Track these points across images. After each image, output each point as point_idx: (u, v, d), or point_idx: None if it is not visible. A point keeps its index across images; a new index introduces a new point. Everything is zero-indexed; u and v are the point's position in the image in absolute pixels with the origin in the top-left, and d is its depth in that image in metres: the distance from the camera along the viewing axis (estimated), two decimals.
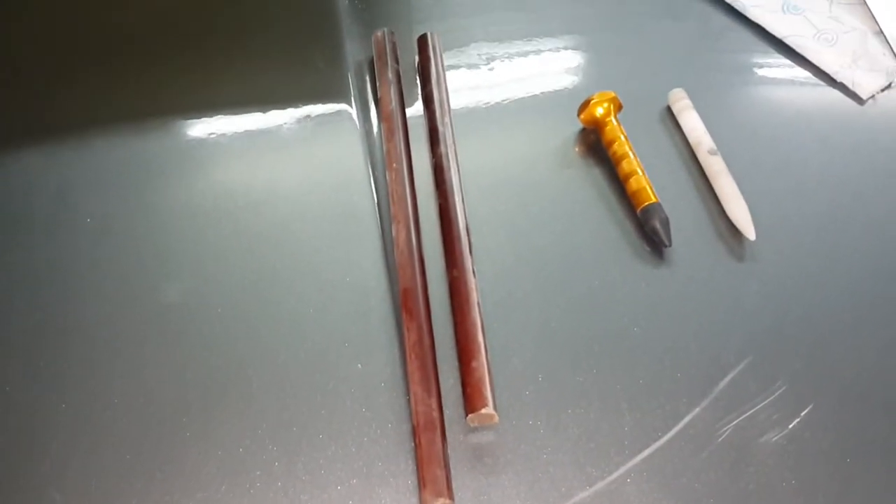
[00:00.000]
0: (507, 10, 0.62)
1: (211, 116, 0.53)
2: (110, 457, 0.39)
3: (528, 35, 0.60)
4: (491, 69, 0.58)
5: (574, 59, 0.59)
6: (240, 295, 0.45)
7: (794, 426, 0.40)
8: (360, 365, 0.42)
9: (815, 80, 0.58)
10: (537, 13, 0.62)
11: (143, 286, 0.45)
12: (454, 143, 0.51)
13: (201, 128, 0.53)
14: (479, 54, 0.59)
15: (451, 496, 0.36)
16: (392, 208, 0.47)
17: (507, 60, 0.58)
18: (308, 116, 0.53)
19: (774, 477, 0.39)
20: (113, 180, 0.49)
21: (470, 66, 0.58)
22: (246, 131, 0.53)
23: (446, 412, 0.40)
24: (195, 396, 0.41)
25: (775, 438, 0.40)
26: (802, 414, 0.41)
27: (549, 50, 0.59)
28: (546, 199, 0.50)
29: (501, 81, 0.57)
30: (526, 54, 0.59)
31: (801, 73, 0.58)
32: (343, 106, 0.54)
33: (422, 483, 0.36)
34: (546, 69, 0.58)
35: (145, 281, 0.45)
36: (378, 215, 0.48)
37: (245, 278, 0.45)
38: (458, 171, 0.49)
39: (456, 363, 0.42)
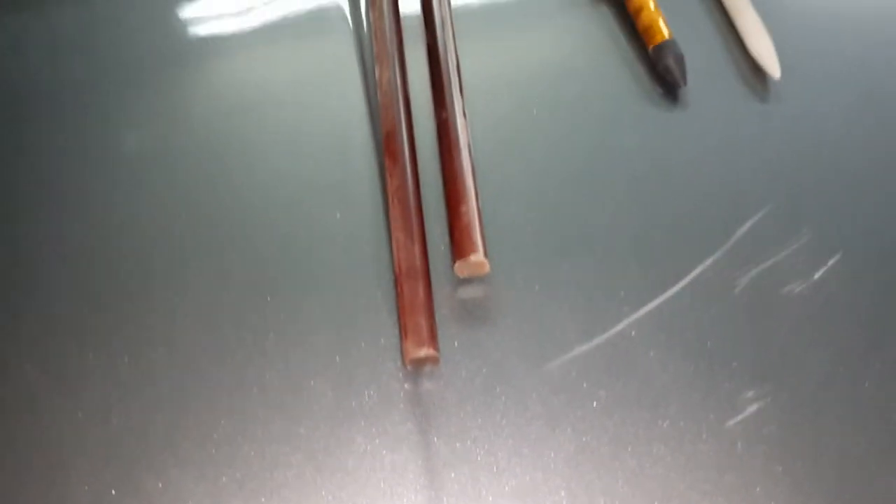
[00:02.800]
0: None
1: None
2: (67, 314, 0.35)
3: None
4: None
5: None
6: (211, 141, 0.40)
7: (819, 276, 0.36)
8: (338, 214, 0.38)
9: None
10: None
11: (108, 135, 0.41)
12: None
13: None
14: None
15: (434, 347, 0.32)
16: (375, 47, 0.42)
17: None
18: None
19: (797, 331, 0.35)
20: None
21: None
22: None
23: (434, 265, 0.36)
24: (164, 246, 0.37)
25: (799, 289, 0.36)
26: (829, 263, 0.37)
27: None
28: (547, 37, 0.45)
29: None
30: None
31: None
32: None
33: (403, 333, 0.32)
34: None
35: (109, 130, 0.41)
36: (361, 58, 0.43)
37: (216, 123, 0.41)
38: (450, 5, 0.44)
39: (444, 213, 0.38)
